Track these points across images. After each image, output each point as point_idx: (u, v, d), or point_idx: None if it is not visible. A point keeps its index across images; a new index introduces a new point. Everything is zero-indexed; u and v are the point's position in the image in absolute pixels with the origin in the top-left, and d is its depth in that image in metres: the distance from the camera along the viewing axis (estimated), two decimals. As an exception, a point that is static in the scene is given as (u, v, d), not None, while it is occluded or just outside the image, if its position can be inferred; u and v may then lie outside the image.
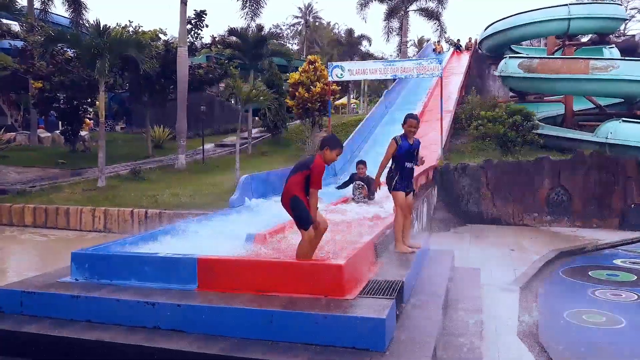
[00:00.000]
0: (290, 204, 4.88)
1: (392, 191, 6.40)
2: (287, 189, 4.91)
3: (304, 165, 4.93)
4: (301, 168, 4.92)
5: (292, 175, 4.93)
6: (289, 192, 4.88)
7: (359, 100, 53.65)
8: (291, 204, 4.87)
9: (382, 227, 6.89)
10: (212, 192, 15.07)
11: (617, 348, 5.65)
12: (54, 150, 26.19)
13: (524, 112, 16.39)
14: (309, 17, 61.92)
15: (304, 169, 4.88)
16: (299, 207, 4.86)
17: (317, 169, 4.84)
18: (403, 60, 17.21)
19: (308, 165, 4.88)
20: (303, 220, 4.88)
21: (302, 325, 4.14)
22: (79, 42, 17.65)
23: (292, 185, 4.88)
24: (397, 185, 6.32)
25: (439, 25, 35.08)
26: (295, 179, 4.89)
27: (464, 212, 14.70)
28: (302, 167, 4.92)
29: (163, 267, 5.12)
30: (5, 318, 4.91)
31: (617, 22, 20.55)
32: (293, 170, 5.00)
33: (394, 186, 6.35)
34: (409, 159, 6.35)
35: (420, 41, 58.92)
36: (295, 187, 4.87)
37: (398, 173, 6.32)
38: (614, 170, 13.81)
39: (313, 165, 4.84)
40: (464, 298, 6.50)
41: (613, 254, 10.95)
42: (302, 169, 4.90)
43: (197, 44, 25.00)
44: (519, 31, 21.65)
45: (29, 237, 13.28)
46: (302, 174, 4.87)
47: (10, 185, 17.40)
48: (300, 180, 4.87)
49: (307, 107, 22.04)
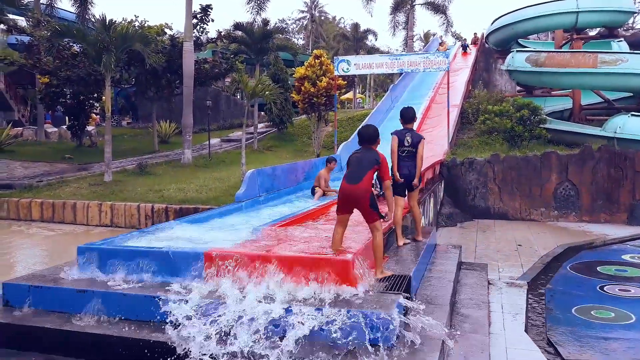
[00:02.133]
0: (371, 200, 5.00)
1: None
2: (365, 187, 4.99)
3: (373, 161, 5.08)
4: (371, 164, 5.07)
5: (366, 173, 5.01)
6: (367, 189, 5.00)
7: (364, 94, 53.52)
8: (372, 200, 5.01)
9: (389, 222, 6.85)
10: (218, 186, 15.08)
11: (627, 344, 5.60)
12: (61, 145, 26.31)
13: (531, 107, 16.27)
14: (315, 12, 61.79)
15: (375, 164, 5.07)
16: (375, 202, 5.07)
17: (385, 161, 5.16)
18: (410, 54, 17.11)
19: (377, 160, 5.08)
20: (377, 212, 5.04)
21: (309, 320, 4.12)
22: (85, 37, 17.66)
23: (368, 183, 5.03)
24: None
25: (445, 19, 34.91)
26: (370, 175, 5.04)
27: (471, 207, 14.64)
28: (373, 163, 5.07)
29: (169, 261, 5.11)
30: (12, 311, 4.93)
31: (625, 15, 20.31)
32: (361, 168, 5.05)
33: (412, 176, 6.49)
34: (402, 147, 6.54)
35: (426, 35, 58.69)
36: (369, 184, 5.05)
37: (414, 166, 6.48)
38: (622, 165, 13.69)
39: (381, 159, 5.10)
40: (471, 293, 6.47)
41: (621, 249, 10.86)
42: (373, 164, 5.07)
43: (203, 38, 24.98)
44: (526, 25, 21.46)
45: (36, 232, 13.34)
46: (373, 170, 5.08)
47: (17, 180, 17.48)
48: (372, 177, 5.08)
49: (312, 102, 21.96)
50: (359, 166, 5.08)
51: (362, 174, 5.00)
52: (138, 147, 25.42)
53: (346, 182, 5.08)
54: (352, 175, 5.06)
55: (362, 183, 4.98)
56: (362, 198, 4.98)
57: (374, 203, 5.02)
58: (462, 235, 12.28)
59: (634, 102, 19.07)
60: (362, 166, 5.06)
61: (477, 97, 20.85)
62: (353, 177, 5.04)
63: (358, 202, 5.02)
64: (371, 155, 5.14)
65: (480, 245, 11.12)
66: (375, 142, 5.26)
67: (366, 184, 4.99)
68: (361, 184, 4.98)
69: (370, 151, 5.18)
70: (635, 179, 13.63)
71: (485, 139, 17.73)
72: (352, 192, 5.03)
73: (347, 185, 5.06)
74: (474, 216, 14.44)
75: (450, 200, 14.66)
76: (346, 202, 5.11)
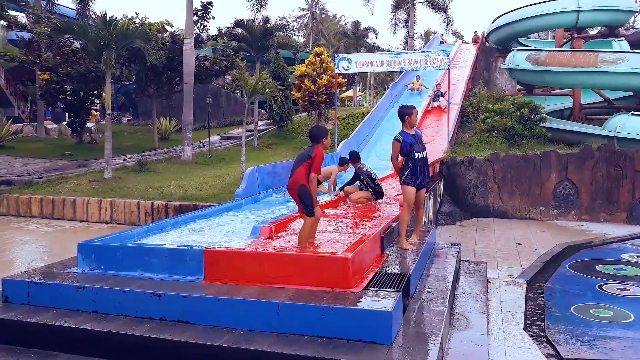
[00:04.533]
0: (299, 192, 5.39)
1: (401, 184, 6.27)
2: (295, 179, 5.44)
3: (306, 156, 5.45)
4: (304, 159, 5.44)
5: (298, 167, 5.43)
6: (298, 181, 5.41)
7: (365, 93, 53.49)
8: (300, 192, 5.39)
9: (389, 220, 6.87)
10: (218, 184, 15.09)
11: (625, 343, 5.61)
12: (61, 142, 26.30)
13: (531, 105, 16.26)
14: (315, 9, 61.69)
15: (307, 159, 5.42)
16: (307, 195, 5.39)
17: (318, 157, 5.41)
18: (410, 52, 17.08)
19: (310, 155, 5.42)
20: (309, 207, 5.41)
21: (308, 318, 4.14)
22: (86, 34, 17.63)
23: (300, 176, 5.41)
24: (407, 179, 6.15)
25: (446, 17, 34.91)
26: (302, 170, 5.41)
27: (471, 206, 14.64)
28: (305, 157, 5.44)
29: (169, 259, 5.12)
30: (12, 308, 4.94)
31: (627, 15, 20.26)
32: (297, 162, 5.51)
33: (403, 180, 6.19)
34: (417, 149, 6.18)
35: (427, 34, 58.58)
36: (302, 177, 5.41)
37: (409, 166, 6.14)
38: (622, 164, 13.69)
39: (314, 154, 5.40)
40: (471, 292, 6.49)
41: (620, 248, 10.87)
42: (305, 159, 5.43)
43: (204, 35, 24.94)
44: (527, 24, 21.39)
45: (36, 228, 13.35)
46: (307, 164, 5.40)
47: (17, 176, 17.48)
48: (305, 171, 5.40)
49: (313, 100, 21.99)
50: (295, 161, 5.54)
51: (295, 168, 5.47)
52: (138, 144, 25.42)
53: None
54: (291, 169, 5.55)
55: (293, 176, 5.45)
56: (291, 188, 5.47)
57: (305, 195, 5.36)
58: (462, 233, 12.30)
59: (634, 102, 19.04)
60: (297, 161, 5.51)
61: (478, 95, 20.83)
62: (291, 170, 5.53)
63: (291, 193, 5.52)
64: (308, 150, 5.50)
65: (479, 243, 11.13)
66: (316, 140, 5.53)
67: (298, 176, 5.39)
68: (292, 177, 5.46)
69: (311, 147, 5.52)
70: (634, 179, 13.63)
71: (485, 138, 17.72)
72: (288, 185, 5.54)
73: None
74: (474, 214, 14.45)
75: (450, 198, 14.67)
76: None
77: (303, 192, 5.38)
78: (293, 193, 5.49)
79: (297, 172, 5.42)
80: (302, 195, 5.38)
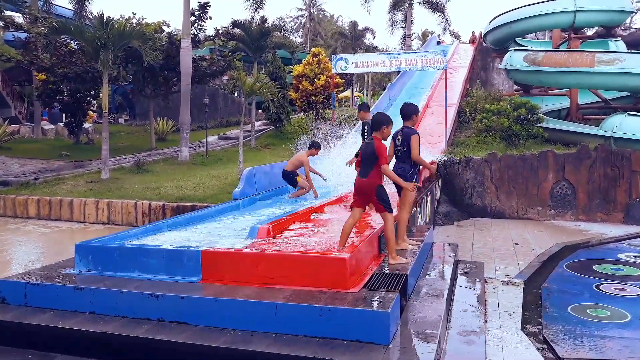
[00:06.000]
0: (377, 192, 5.41)
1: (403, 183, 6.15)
2: (369, 181, 5.42)
3: (372, 155, 5.39)
4: (373, 159, 5.38)
5: (371, 170, 5.41)
6: (373, 183, 5.41)
7: (362, 93, 53.50)
8: (378, 192, 5.41)
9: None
10: (215, 184, 15.07)
11: (622, 342, 5.62)
12: (58, 142, 26.26)
13: (528, 106, 16.30)
14: (313, 10, 61.74)
15: (375, 158, 5.37)
16: (384, 193, 5.45)
17: (380, 149, 5.38)
18: (407, 53, 17.11)
19: (374, 152, 5.35)
20: (388, 203, 5.45)
21: (305, 318, 4.13)
22: (83, 34, 17.59)
23: (375, 176, 5.42)
24: (410, 177, 6.01)
25: (443, 17, 34.97)
26: (376, 171, 5.41)
27: (468, 206, 14.66)
28: (373, 157, 5.38)
29: (167, 259, 5.11)
30: (9, 309, 4.93)
31: (623, 15, 20.34)
32: (366, 162, 5.47)
33: (407, 178, 5.98)
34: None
35: (424, 34, 58.65)
36: (377, 177, 5.44)
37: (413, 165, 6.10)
38: (619, 164, 13.73)
39: (375, 147, 5.36)
40: (468, 292, 6.49)
41: (617, 248, 10.89)
42: (374, 160, 5.38)
43: (201, 36, 24.95)
44: (524, 24, 21.46)
45: (33, 229, 13.31)
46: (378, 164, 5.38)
47: (13, 177, 17.44)
48: (378, 169, 5.40)
49: (310, 100, 22.01)
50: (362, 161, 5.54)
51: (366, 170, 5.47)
52: (135, 144, 25.38)
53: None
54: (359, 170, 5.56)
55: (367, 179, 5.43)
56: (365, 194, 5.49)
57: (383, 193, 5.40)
58: (459, 233, 12.31)
59: (630, 102, 19.11)
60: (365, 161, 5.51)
61: (475, 95, 20.87)
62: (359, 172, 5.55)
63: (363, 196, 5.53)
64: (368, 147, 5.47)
65: (477, 243, 11.14)
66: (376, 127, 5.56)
67: (371, 178, 5.40)
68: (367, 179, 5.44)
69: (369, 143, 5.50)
70: (631, 178, 13.67)
71: (483, 138, 17.76)
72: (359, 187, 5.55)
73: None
74: (471, 215, 14.47)
75: (447, 198, 14.68)
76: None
77: (380, 191, 5.40)
78: (368, 195, 5.46)
79: (370, 174, 5.39)
80: (380, 194, 5.39)
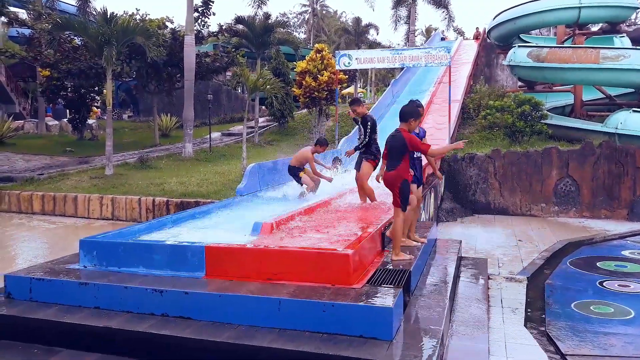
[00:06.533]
0: (401, 187, 5.37)
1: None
2: (397, 173, 5.37)
3: (401, 147, 5.32)
4: (402, 152, 5.34)
5: (399, 163, 5.35)
6: (400, 176, 5.37)
7: (366, 89, 53.40)
8: (402, 187, 5.37)
9: (390, 216, 6.86)
10: (219, 180, 15.09)
11: (625, 339, 5.62)
12: (62, 138, 26.32)
13: (532, 102, 16.25)
14: (316, 6, 61.57)
15: (405, 151, 5.33)
16: (408, 191, 5.43)
17: (412, 141, 5.31)
18: (411, 49, 17.07)
19: (405, 145, 5.29)
20: (406, 202, 5.42)
21: (309, 314, 4.15)
22: (86, 30, 17.62)
23: (402, 171, 5.38)
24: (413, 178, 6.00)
25: (447, 13, 34.83)
26: (404, 165, 5.38)
27: (472, 202, 14.65)
28: (401, 150, 5.33)
29: (171, 255, 5.13)
30: (14, 304, 4.96)
31: (628, 11, 20.23)
32: (393, 155, 5.41)
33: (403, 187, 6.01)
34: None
35: (428, 30, 58.42)
36: (405, 171, 5.41)
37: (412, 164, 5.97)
38: (623, 161, 13.70)
39: (407, 141, 5.29)
40: (471, 288, 6.49)
41: (621, 245, 10.87)
42: (403, 152, 5.33)
43: (204, 32, 24.93)
44: (529, 20, 21.36)
45: (38, 224, 13.37)
46: (407, 157, 5.38)
47: (18, 173, 17.50)
48: (406, 164, 5.40)
49: (314, 96, 21.94)
50: (389, 153, 5.51)
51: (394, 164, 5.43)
52: (139, 140, 25.42)
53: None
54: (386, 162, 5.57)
55: (395, 171, 5.40)
56: (391, 185, 5.47)
57: (405, 190, 5.38)
58: (463, 230, 12.30)
59: (635, 98, 19.02)
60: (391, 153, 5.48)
61: (479, 92, 20.81)
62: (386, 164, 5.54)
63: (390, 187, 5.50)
64: (397, 140, 5.40)
65: (480, 240, 11.14)
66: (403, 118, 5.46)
67: (399, 171, 5.37)
68: (395, 171, 5.40)
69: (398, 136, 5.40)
70: (636, 175, 13.63)
71: (486, 134, 17.72)
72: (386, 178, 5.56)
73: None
74: (475, 211, 14.46)
75: (451, 195, 14.68)
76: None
77: (405, 186, 5.38)
78: (392, 187, 5.44)
79: (399, 167, 5.35)
80: (403, 190, 5.37)
